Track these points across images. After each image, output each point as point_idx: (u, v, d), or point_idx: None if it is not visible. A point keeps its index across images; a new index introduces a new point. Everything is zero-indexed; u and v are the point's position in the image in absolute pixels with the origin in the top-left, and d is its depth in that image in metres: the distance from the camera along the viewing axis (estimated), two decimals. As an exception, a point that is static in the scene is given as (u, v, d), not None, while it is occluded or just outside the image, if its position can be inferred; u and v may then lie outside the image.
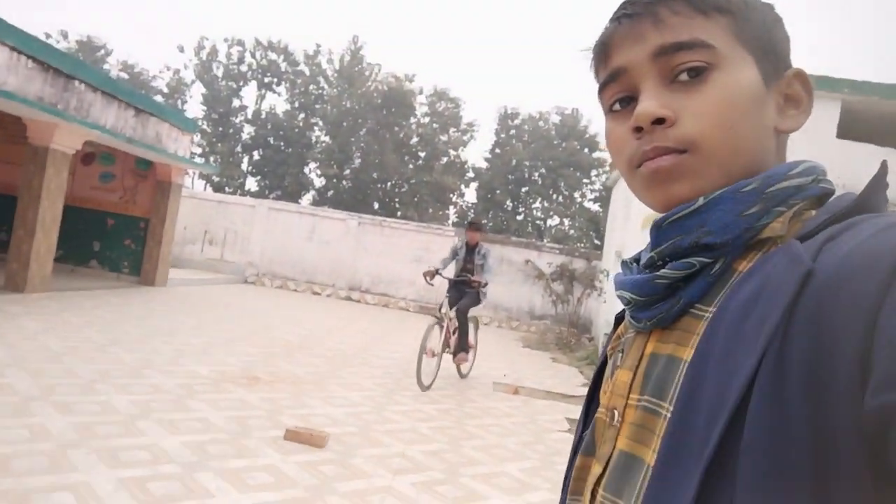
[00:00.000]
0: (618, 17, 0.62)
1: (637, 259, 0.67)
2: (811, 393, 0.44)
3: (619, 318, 0.73)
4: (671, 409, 0.52)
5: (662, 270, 0.58)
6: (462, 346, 7.00)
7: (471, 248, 7.14)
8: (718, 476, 0.46)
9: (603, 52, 0.63)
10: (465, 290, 7.03)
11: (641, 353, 0.60)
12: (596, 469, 0.62)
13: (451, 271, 7.93)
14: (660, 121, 0.57)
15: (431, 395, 6.27)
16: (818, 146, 7.66)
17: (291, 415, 4.72)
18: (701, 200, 0.56)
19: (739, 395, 0.46)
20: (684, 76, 0.57)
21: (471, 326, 7.16)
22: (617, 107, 0.63)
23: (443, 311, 6.83)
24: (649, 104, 0.57)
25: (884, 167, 0.54)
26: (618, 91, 0.62)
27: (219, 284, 13.91)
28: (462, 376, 7.38)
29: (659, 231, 0.59)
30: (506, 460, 4.51)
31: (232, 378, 5.55)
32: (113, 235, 11.86)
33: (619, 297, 0.65)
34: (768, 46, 0.60)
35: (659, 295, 0.58)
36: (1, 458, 3.12)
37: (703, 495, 0.46)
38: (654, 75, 0.59)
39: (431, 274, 6.82)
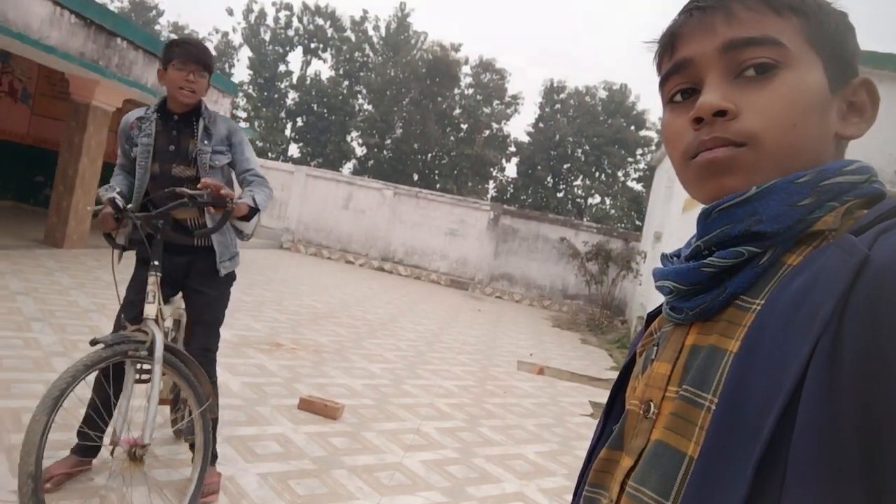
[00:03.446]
0: (689, 10, 0.61)
1: (677, 254, 0.66)
2: (864, 382, 0.43)
3: (652, 317, 0.72)
4: (716, 400, 0.51)
5: (710, 259, 0.57)
6: (205, 453, 2.49)
7: (182, 120, 2.68)
8: (769, 468, 0.45)
9: (670, 42, 0.63)
10: (191, 247, 2.71)
11: (681, 345, 0.59)
12: (626, 462, 0.61)
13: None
14: (721, 113, 0.57)
15: (454, 370, 6.18)
16: (881, 132, 7.15)
17: (309, 384, 4.68)
18: (754, 189, 0.55)
19: (792, 385, 0.45)
20: (751, 72, 0.57)
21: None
22: (678, 98, 0.63)
23: (149, 328, 2.32)
24: (712, 96, 0.57)
25: None
26: (681, 82, 0.62)
27: (254, 249, 14.06)
28: None
29: (707, 220, 0.58)
30: (523, 442, 4.40)
31: (254, 343, 5.56)
32: (153, 195, 12.01)
33: (659, 288, 0.63)
34: (838, 52, 0.59)
35: (703, 284, 0.58)
36: (15, 412, 3.14)
37: (754, 487, 0.45)
38: (720, 69, 0.59)
39: (110, 220, 2.44)
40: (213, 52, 2.72)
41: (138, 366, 2.32)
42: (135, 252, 2.72)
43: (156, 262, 2.45)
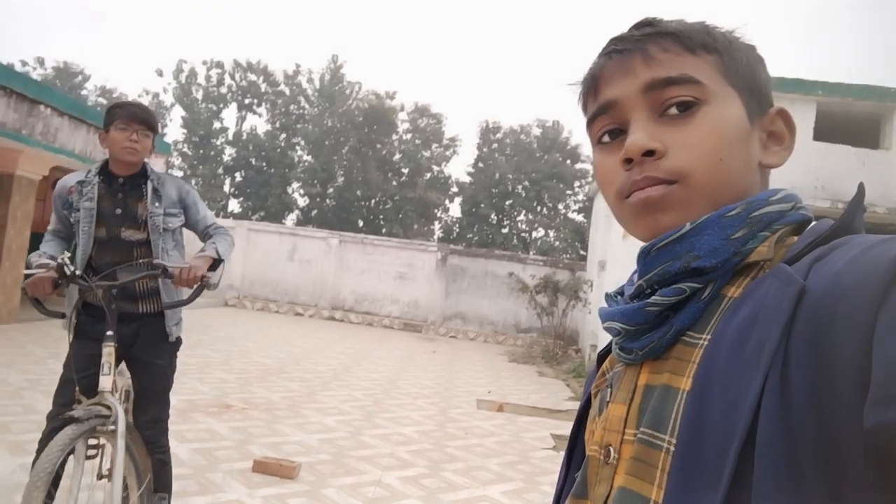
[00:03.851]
0: (608, 53, 0.63)
1: (621, 292, 0.66)
2: (816, 413, 0.43)
3: (602, 357, 0.72)
4: (674, 441, 0.51)
5: (653, 297, 0.57)
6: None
7: (128, 182, 2.61)
8: None
9: (592, 85, 0.64)
10: (136, 314, 2.60)
11: (634, 386, 0.59)
12: None
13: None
14: (649, 153, 0.58)
15: (413, 416, 6.07)
16: (796, 148, 7.60)
17: (262, 444, 4.51)
18: (688, 226, 0.56)
19: (747, 422, 0.45)
20: (673, 110, 0.59)
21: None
22: (606, 139, 0.64)
23: (109, 402, 2.24)
24: (640, 136, 0.59)
25: (861, 190, 0.56)
26: (607, 123, 0.63)
27: (198, 308, 13.63)
28: None
29: (647, 259, 0.59)
30: (488, 483, 4.33)
31: (202, 407, 5.33)
32: (87, 262, 11.56)
33: (606, 329, 0.64)
34: (752, 84, 0.62)
35: (649, 323, 0.58)
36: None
37: None
38: (644, 109, 0.60)
39: (48, 285, 2.34)
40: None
41: (90, 441, 2.21)
42: (69, 322, 2.55)
43: (110, 333, 2.33)
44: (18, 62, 31.93)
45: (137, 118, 2.55)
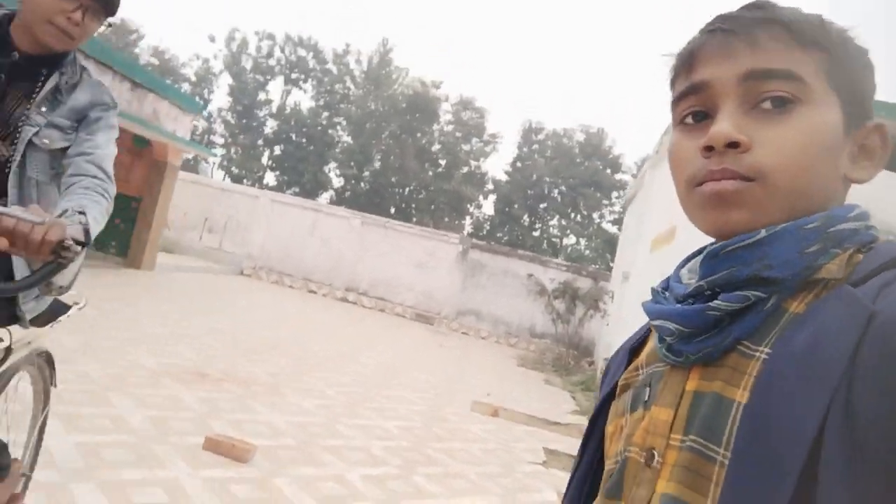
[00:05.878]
0: (711, 30, 0.60)
1: (665, 286, 0.64)
2: (881, 438, 0.43)
3: (632, 350, 0.70)
4: (729, 455, 0.50)
5: (715, 302, 0.55)
6: None
7: (26, 64, 1.48)
8: None
9: (688, 61, 0.61)
10: None
11: (682, 390, 0.58)
12: None
13: None
14: (734, 145, 0.56)
15: (400, 409, 5.72)
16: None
17: (226, 420, 4.19)
18: (763, 233, 0.54)
19: (810, 443, 0.45)
20: (768, 104, 0.56)
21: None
22: (689, 120, 0.61)
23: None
24: (726, 126, 0.56)
25: None
26: (694, 104, 0.61)
27: (212, 274, 13.52)
28: None
29: (714, 260, 0.57)
30: (460, 494, 3.94)
31: (176, 373, 5.05)
32: (104, 214, 11.54)
33: (657, 327, 0.61)
34: (856, 92, 0.59)
35: (707, 328, 0.56)
36: None
37: None
38: (737, 97, 0.57)
39: None
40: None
41: None
42: None
43: None
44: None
45: None
